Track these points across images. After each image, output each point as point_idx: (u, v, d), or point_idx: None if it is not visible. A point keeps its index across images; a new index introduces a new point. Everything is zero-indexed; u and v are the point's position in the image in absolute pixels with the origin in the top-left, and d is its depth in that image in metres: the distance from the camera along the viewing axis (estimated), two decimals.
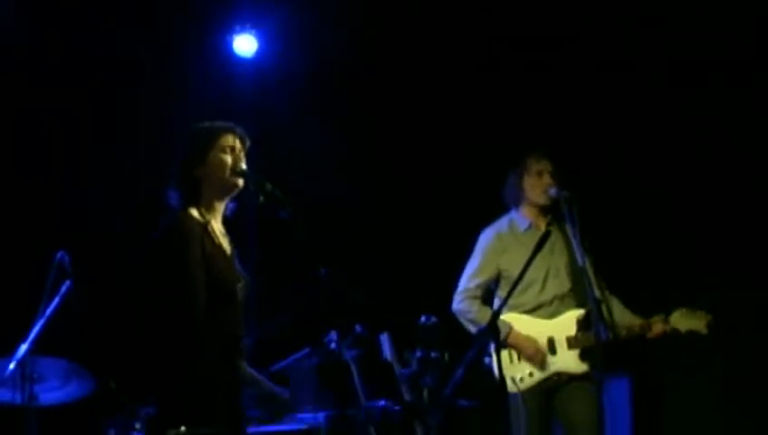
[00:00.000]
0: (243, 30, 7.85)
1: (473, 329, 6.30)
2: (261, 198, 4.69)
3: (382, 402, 5.84)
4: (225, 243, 4.69)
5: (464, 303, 6.42)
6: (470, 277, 6.47)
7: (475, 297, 6.41)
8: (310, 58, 7.87)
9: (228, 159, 4.68)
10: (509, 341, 6.23)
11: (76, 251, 5.91)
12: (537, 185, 6.42)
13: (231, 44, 7.89)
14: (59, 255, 5.90)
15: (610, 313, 6.08)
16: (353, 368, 6.20)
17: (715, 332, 6.19)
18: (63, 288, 5.89)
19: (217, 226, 4.70)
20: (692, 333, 6.20)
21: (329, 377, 6.51)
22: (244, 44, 7.89)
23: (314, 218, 4.70)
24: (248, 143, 4.79)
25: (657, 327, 6.24)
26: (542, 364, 6.24)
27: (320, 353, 6.33)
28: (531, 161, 6.48)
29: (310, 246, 4.64)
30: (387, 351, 6.27)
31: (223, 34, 7.87)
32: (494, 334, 5.42)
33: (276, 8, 7.84)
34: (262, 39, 7.92)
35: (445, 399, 5.62)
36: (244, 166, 4.73)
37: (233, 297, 4.60)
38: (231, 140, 4.73)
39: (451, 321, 6.31)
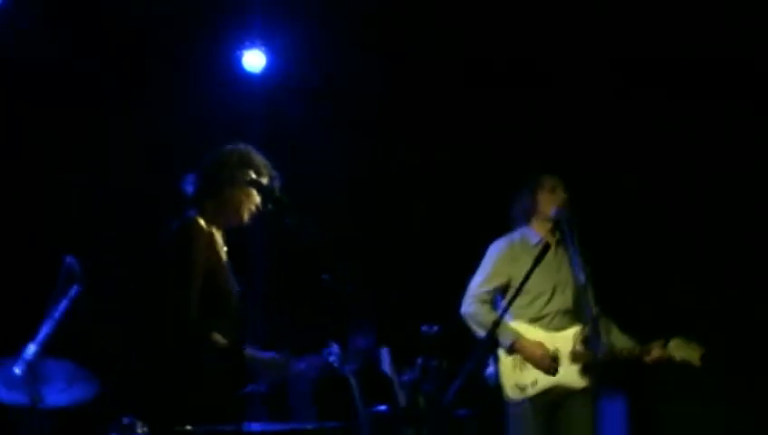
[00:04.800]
0: (252, 45, 7.94)
1: (481, 332, 6.35)
2: (269, 206, 4.82)
3: (381, 407, 5.92)
4: (223, 254, 4.83)
5: (473, 306, 6.49)
6: (480, 283, 6.55)
7: (484, 301, 6.49)
8: (319, 74, 8.00)
9: (247, 202, 4.87)
10: (516, 346, 6.33)
11: (86, 255, 6.00)
12: (551, 200, 6.54)
13: (240, 60, 7.98)
14: (68, 259, 5.98)
15: (608, 333, 6.25)
16: (353, 381, 6.26)
17: (711, 351, 6.28)
18: (72, 292, 5.97)
19: (219, 237, 4.84)
20: (685, 363, 6.29)
21: (328, 390, 6.57)
22: (254, 60, 7.98)
23: (318, 228, 4.81)
24: (277, 187, 4.91)
25: (656, 352, 6.32)
26: (549, 369, 6.32)
27: (318, 367, 6.39)
28: (545, 177, 6.61)
29: (317, 251, 4.76)
30: (386, 364, 6.34)
31: (232, 50, 7.97)
32: (494, 342, 5.53)
33: (286, 24, 7.93)
34: (271, 55, 8.01)
35: (443, 406, 5.71)
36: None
37: (230, 305, 4.75)
38: (259, 184, 4.86)
39: (452, 330, 6.41)
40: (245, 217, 4.87)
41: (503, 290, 6.53)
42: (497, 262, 6.58)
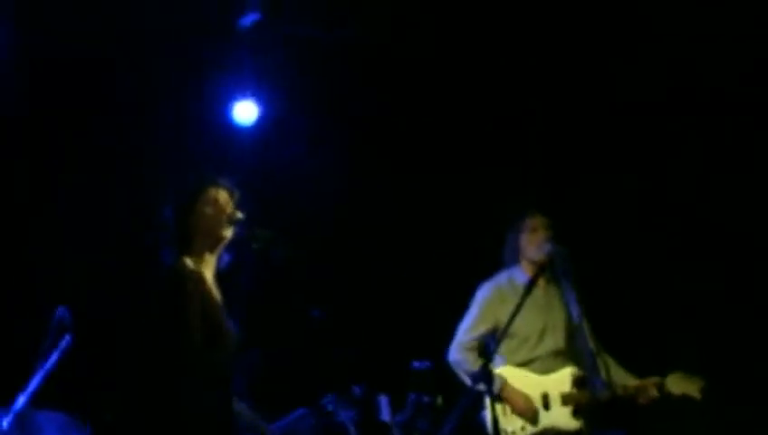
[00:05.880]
0: (243, 97, 7.93)
1: (468, 380, 6.27)
2: (255, 245, 4.79)
3: None
4: (216, 293, 4.78)
5: (460, 354, 6.38)
6: (468, 330, 6.46)
7: (471, 349, 6.38)
8: (309, 123, 8.00)
9: (212, 211, 4.79)
10: (502, 394, 6.21)
11: (77, 306, 5.96)
12: (532, 241, 6.46)
13: (231, 112, 7.96)
14: (59, 310, 5.95)
15: (607, 370, 6.14)
16: (351, 429, 6.19)
17: (708, 390, 6.20)
18: (63, 343, 5.94)
19: (209, 276, 4.78)
20: (685, 397, 6.22)
21: None
22: (245, 112, 7.94)
23: (310, 273, 4.79)
24: (237, 194, 4.90)
25: (653, 390, 6.25)
26: (532, 420, 6.22)
27: (316, 415, 6.33)
28: (527, 219, 6.54)
29: (304, 289, 4.73)
30: (385, 412, 6.28)
31: (223, 102, 7.95)
32: (486, 383, 5.44)
33: (277, 75, 7.94)
34: (262, 106, 7.97)
35: None
36: (238, 214, 4.83)
37: (225, 344, 4.68)
38: (215, 192, 4.85)
39: (444, 365, 6.34)
40: (224, 230, 4.81)
41: (492, 334, 6.43)
42: (484, 307, 6.50)
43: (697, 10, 7.29)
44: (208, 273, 4.78)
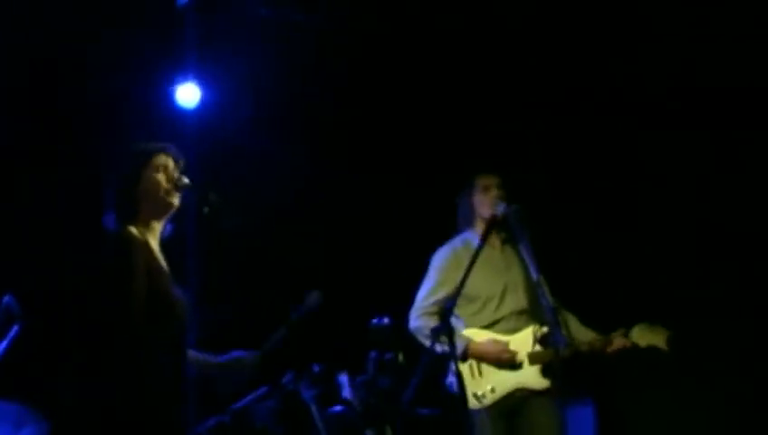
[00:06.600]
0: (185, 80, 7.83)
1: (431, 345, 6.17)
2: (205, 209, 4.70)
3: (338, 408, 5.78)
4: (162, 262, 4.68)
5: (420, 319, 6.28)
6: (426, 295, 6.35)
7: (431, 314, 6.27)
8: (253, 107, 7.93)
9: (161, 178, 4.70)
10: (471, 352, 6.13)
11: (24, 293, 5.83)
12: (484, 201, 6.38)
13: (173, 95, 7.86)
14: (6, 299, 5.83)
15: (567, 326, 6.08)
16: (312, 407, 6.11)
17: (682, 356, 6.13)
18: (12, 332, 5.81)
19: (155, 244, 4.68)
20: (652, 349, 6.12)
21: (288, 418, 6.42)
22: (187, 95, 7.85)
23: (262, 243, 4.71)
24: (183, 161, 4.81)
25: (618, 342, 6.15)
26: (512, 362, 6.13)
27: (278, 393, 6.25)
28: (478, 178, 6.47)
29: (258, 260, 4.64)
30: (346, 390, 6.19)
31: (165, 85, 7.85)
32: (450, 345, 5.36)
33: (220, 58, 7.86)
34: (205, 89, 7.89)
35: (403, 404, 5.55)
36: (185, 180, 4.74)
37: (173, 312, 4.57)
38: (163, 159, 4.75)
39: (404, 322, 6.27)
40: (172, 197, 4.70)
41: (451, 299, 6.32)
42: (440, 272, 6.39)
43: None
44: (153, 241, 4.69)
